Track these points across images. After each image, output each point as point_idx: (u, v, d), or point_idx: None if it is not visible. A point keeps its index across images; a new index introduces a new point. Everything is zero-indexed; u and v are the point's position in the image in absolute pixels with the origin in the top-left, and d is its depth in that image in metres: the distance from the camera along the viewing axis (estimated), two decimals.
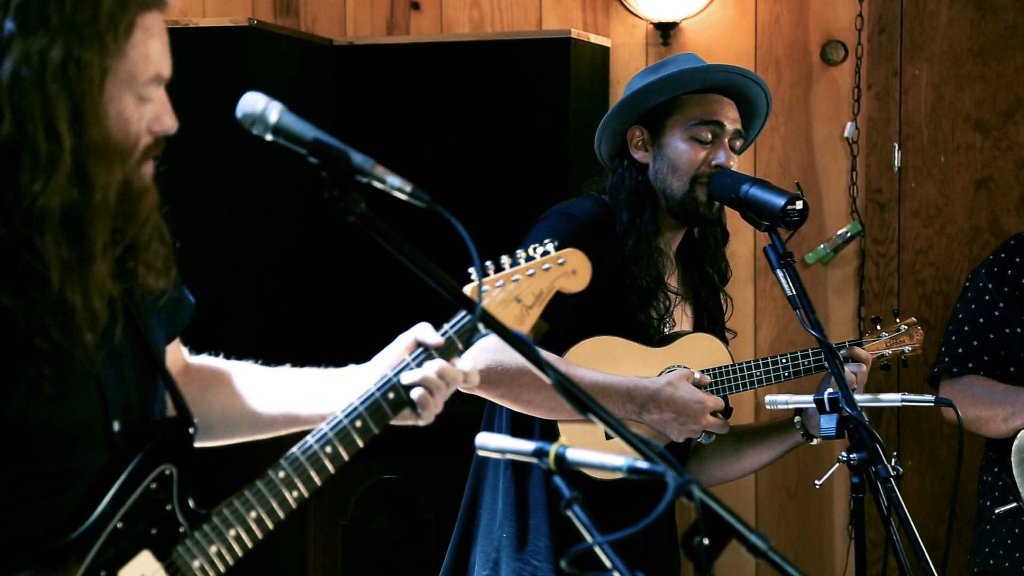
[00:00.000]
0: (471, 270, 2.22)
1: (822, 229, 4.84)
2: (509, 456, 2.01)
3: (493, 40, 4.64)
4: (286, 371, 2.30)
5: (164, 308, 2.09)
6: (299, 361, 4.15)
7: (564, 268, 2.32)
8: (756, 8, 4.85)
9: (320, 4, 4.99)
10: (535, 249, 2.32)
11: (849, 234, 4.80)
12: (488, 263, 2.26)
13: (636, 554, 3.02)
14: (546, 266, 2.30)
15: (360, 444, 2.13)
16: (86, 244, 1.83)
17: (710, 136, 3.09)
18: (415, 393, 2.14)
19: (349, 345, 4.59)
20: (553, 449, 1.92)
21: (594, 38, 4.70)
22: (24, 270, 1.80)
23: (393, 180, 1.90)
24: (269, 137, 1.95)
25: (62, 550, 1.87)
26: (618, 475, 1.88)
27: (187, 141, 4.17)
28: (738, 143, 3.13)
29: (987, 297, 3.66)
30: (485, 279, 2.24)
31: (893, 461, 2.75)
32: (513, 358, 2.86)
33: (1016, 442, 3.52)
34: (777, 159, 4.86)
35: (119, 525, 1.91)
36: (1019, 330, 3.64)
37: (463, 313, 2.18)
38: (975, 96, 4.76)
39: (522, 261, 2.29)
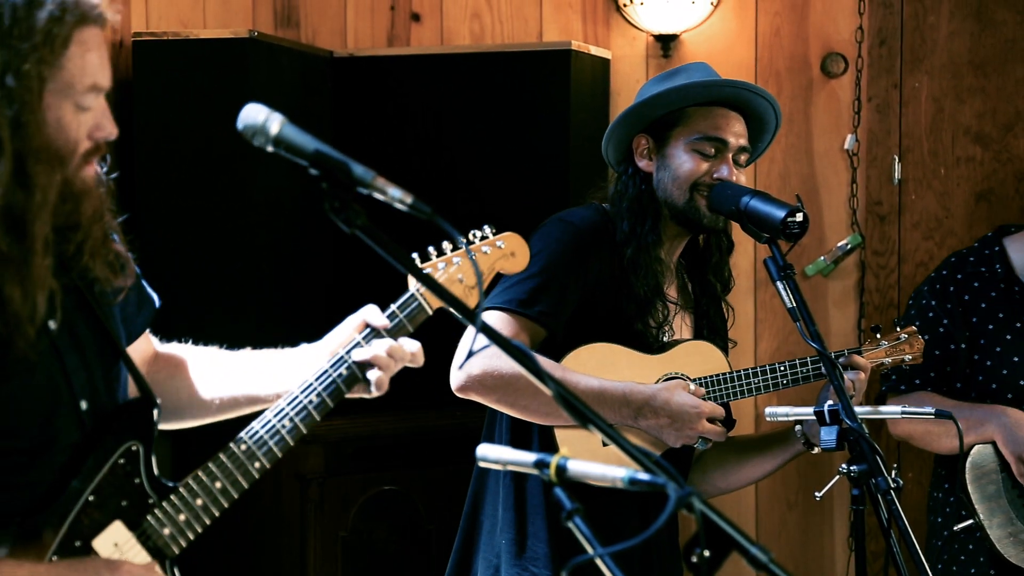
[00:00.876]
0: (414, 255, 2.37)
1: (822, 241, 4.85)
2: (510, 468, 2.01)
3: (493, 52, 4.65)
4: (245, 353, 2.47)
5: (129, 303, 2.27)
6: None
7: (503, 250, 2.49)
8: (756, 20, 4.86)
9: (321, 16, 4.99)
10: (474, 234, 2.47)
11: (849, 246, 4.81)
12: (431, 248, 2.41)
13: (635, 563, 3.02)
14: (485, 248, 2.47)
15: (317, 418, 2.27)
16: (26, 241, 1.96)
17: (713, 151, 3.09)
18: (369, 372, 2.29)
19: None
20: (554, 461, 1.92)
21: (595, 50, 4.70)
22: None
23: (394, 192, 1.91)
24: (270, 149, 1.96)
25: (37, 522, 2.03)
26: (619, 486, 1.88)
27: (189, 151, 4.22)
28: (743, 158, 3.14)
29: (931, 314, 3.70)
30: (427, 263, 2.41)
31: (893, 473, 2.76)
32: (509, 363, 2.87)
33: (970, 459, 3.54)
34: (777, 171, 4.86)
35: (91, 498, 2.07)
36: (963, 346, 3.67)
37: (409, 295, 2.34)
38: (975, 108, 4.76)
39: (462, 245, 2.39)
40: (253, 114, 1.96)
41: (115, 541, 2.10)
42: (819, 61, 4.84)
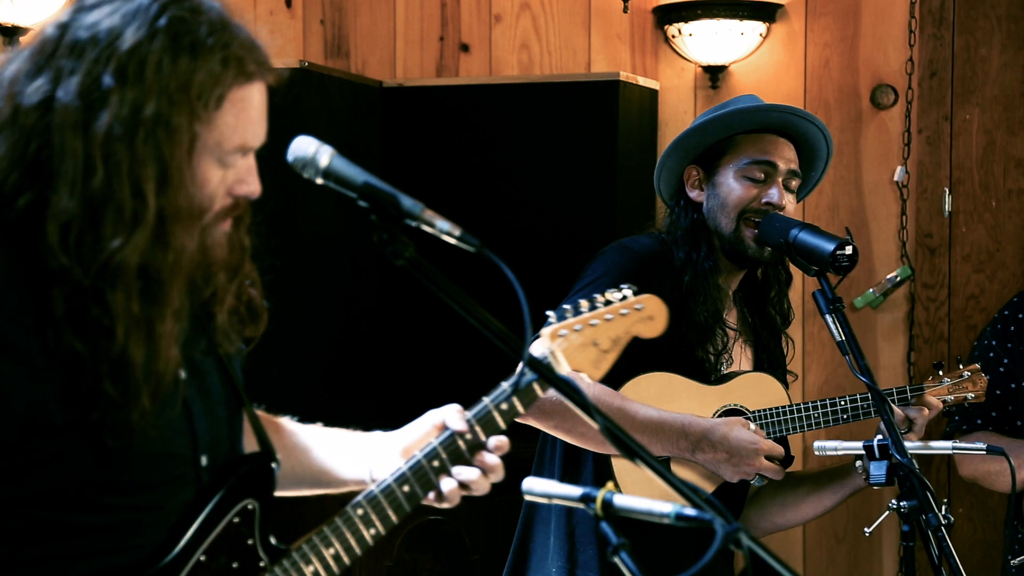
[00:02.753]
0: (550, 313, 2.25)
1: (872, 273, 4.81)
2: (556, 501, 2.00)
3: (542, 82, 4.66)
4: (323, 431, 2.32)
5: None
6: (347, 400, 4.16)
7: (641, 314, 2.31)
8: (805, 52, 4.85)
9: (371, 46, 5.02)
10: (613, 294, 2.31)
11: (899, 278, 4.77)
12: (567, 306, 2.25)
13: None
14: (623, 311, 2.29)
15: (434, 483, 2.15)
16: (159, 303, 1.85)
17: (763, 176, 3.08)
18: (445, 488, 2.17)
19: (394, 385, 4.60)
20: (600, 495, 1.91)
21: (643, 81, 4.70)
22: (94, 320, 1.81)
23: (442, 224, 1.91)
24: (320, 181, 1.97)
25: None
26: (665, 521, 1.87)
27: None
28: (794, 183, 3.12)
29: (991, 355, 3.68)
30: (563, 322, 2.24)
31: (944, 509, 2.73)
32: None
33: None
34: (827, 203, 4.84)
35: (202, 558, 1.95)
36: None
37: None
38: None
39: (600, 306, 2.28)
40: (303, 146, 1.97)
41: None
42: (869, 93, 4.81)
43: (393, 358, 4.61)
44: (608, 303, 2.29)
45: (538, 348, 2.18)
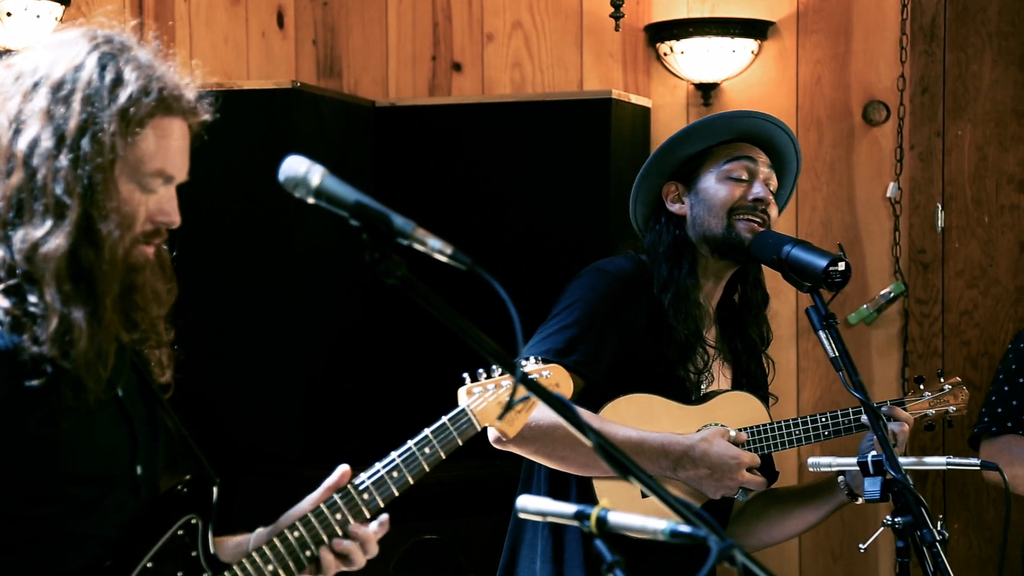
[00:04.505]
0: (465, 375, 2.54)
1: (865, 289, 4.82)
2: (550, 519, 2.00)
3: (534, 101, 4.67)
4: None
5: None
6: (339, 412, 4.14)
7: (547, 381, 2.59)
8: (797, 69, 4.86)
9: (363, 66, 5.03)
10: (520, 363, 2.47)
11: (892, 294, 4.78)
12: (480, 370, 2.51)
13: None
14: (532, 376, 2.52)
15: (380, 506, 2.37)
16: (95, 296, 2.06)
17: (745, 174, 3.09)
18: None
19: (385, 399, 4.59)
20: (595, 512, 1.91)
21: (635, 98, 4.71)
22: (30, 312, 2.04)
23: (434, 243, 1.91)
24: (311, 200, 1.97)
25: None
26: (660, 538, 1.86)
27: (232, 200, 4.24)
28: (773, 182, 3.13)
29: None
30: (475, 383, 2.51)
31: (939, 525, 2.73)
32: (546, 414, 2.86)
33: None
34: (819, 219, 4.85)
35: (148, 564, 2.15)
36: None
37: (459, 411, 2.44)
38: (1019, 156, 4.74)
39: (496, 374, 2.52)
40: (294, 166, 1.97)
41: None
42: (861, 109, 4.82)
43: (384, 373, 4.60)
44: (524, 372, 2.50)
45: (460, 402, 2.45)
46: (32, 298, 2.04)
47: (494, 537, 4.00)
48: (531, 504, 2.01)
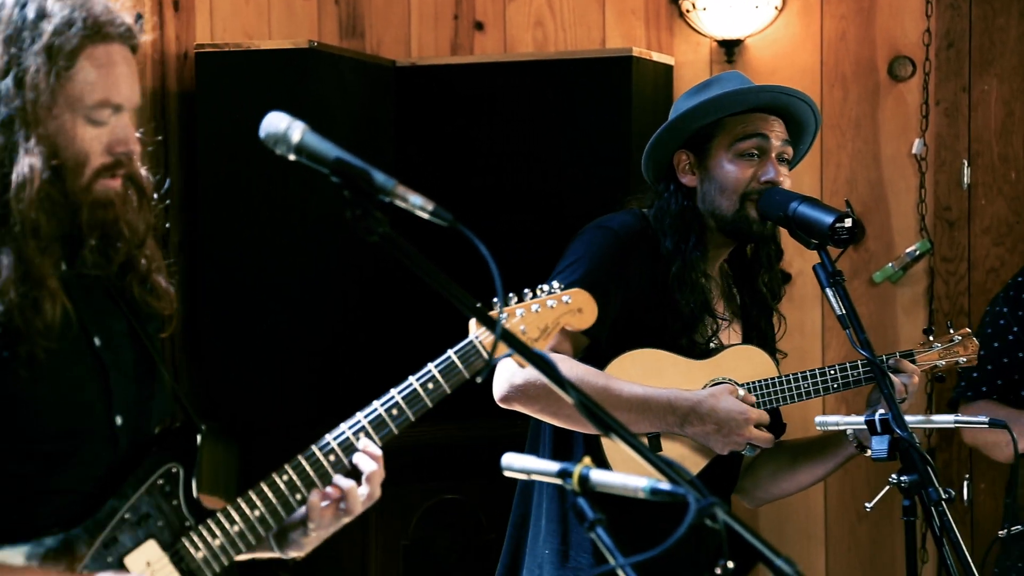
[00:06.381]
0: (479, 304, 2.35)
1: (890, 247, 4.77)
2: (535, 477, 2.00)
3: (555, 59, 4.64)
4: None
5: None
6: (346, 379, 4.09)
7: (569, 306, 2.45)
8: (822, 25, 4.80)
9: (385, 25, 5.01)
10: (541, 289, 2.44)
11: (918, 252, 4.73)
12: (495, 300, 2.32)
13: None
14: (551, 303, 2.43)
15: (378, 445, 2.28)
16: (13, 228, 2.02)
17: (756, 152, 3.05)
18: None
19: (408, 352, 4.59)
20: (577, 470, 1.90)
21: (657, 56, 4.67)
22: None
23: (415, 199, 1.90)
24: (292, 157, 1.97)
25: (71, 536, 2.06)
26: (640, 495, 1.86)
27: (251, 161, 4.24)
28: (787, 153, 3.09)
29: (1002, 322, 3.66)
30: (491, 311, 2.30)
31: (965, 485, 2.71)
32: None
33: None
34: (844, 176, 4.80)
35: (127, 515, 2.10)
36: None
37: (467, 342, 2.32)
38: None
39: (527, 298, 2.42)
40: (275, 122, 1.97)
41: (147, 560, 2.11)
42: (886, 65, 4.77)
43: (402, 331, 4.58)
44: (535, 295, 2.43)
45: (469, 333, 2.32)
46: None
47: (513, 497, 4.01)
48: (516, 462, 2.01)
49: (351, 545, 4.24)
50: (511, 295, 2.39)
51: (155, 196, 2.21)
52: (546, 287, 2.45)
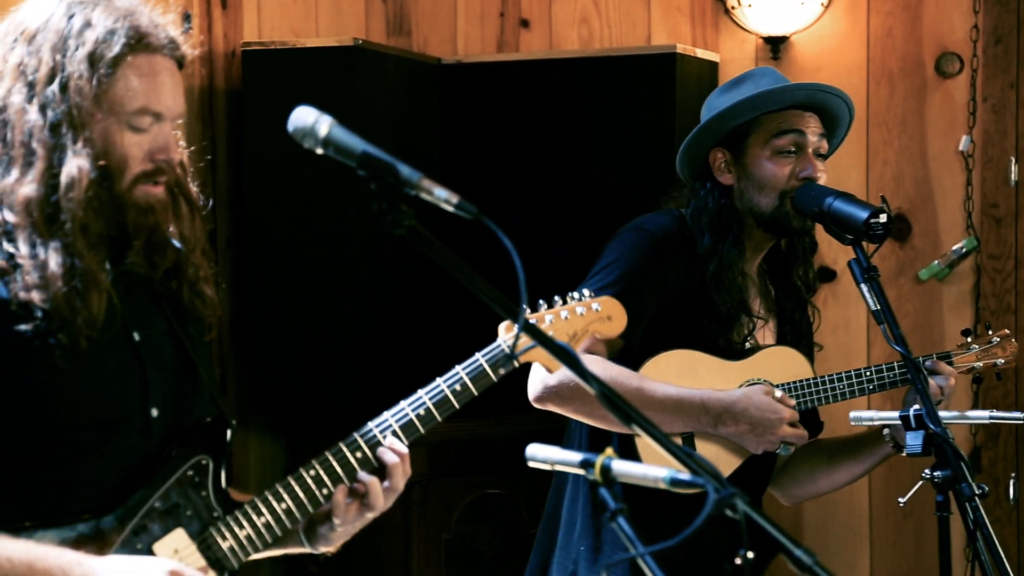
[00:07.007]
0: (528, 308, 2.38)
1: (937, 245, 4.75)
2: (558, 467, 2.02)
3: (599, 57, 4.64)
4: None
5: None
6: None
7: (599, 313, 2.48)
8: (868, 21, 4.78)
9: (431, 23, 5.04)
10: (571, 296, 2.47)
11: (964, 250, 4.70)
12: (524, 306, 2.35)
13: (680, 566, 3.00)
14: (580, 310, 2.46)
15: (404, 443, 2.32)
16: (64, 227, 2.10)
17: (793, 147, 3.05)
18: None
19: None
20: (599, 461, 1.92)
21: (701, 53, 4.67)
22: (15, 257, 2.11)
23: (440, 192, 1.92)
24: (319, 151, 2.00)
25: (102, 522, 2.12)
26: (661, 486, 1.87)
27: (296, 158, 4.27)
28: (823, 149, 3.09)
29: None
30: (528, 315, 2.38)
31: (1011, 483, 2.70)
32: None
33: None
34: (891, 173, 4.78)
35: (157, 504, 2.17)
36: None
37: (496, 346, 2.35)
38: None
39: (557, 304, 2.45)
40: (303, 116, 2.00)
41: (175, 547, 2.17)
42: (933, 61, 4.74)
43: (456, 322, 4.59)
44: (565, 302, 2.46)
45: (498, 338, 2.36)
46: (14, 247, 2.11)
47: None
48: (540, 452, 2.03)
49: (393, 539, 4.27)
50: (541, 302, 2.43)
51: (204, 209, 2.29)
52: (576, 294, 2.49)
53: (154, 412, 2.21)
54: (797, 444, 3.00)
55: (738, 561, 1.83)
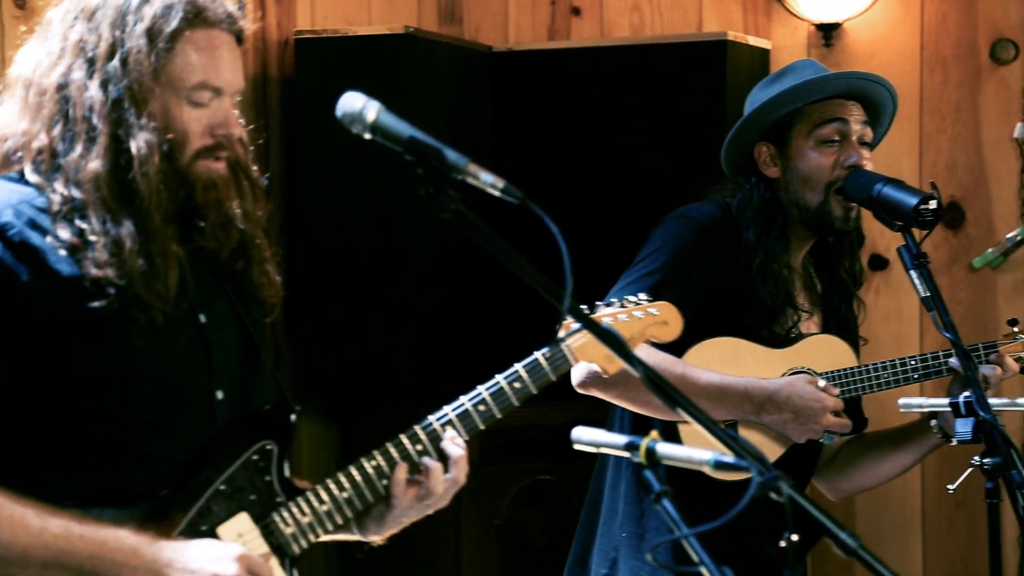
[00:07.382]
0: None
1: (991, 233, 4.71)
2: (603, 450, 2.03)
3: (650, 44, 4.64)
4: None
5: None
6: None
7: (656, 318, 2.51)
8: (922, 7, 4.75)
9: (483, 11, 5.05)
10: (629, 299, 2.50)
11: (1019, 238, 4.66)
12: (583, 306, 2.36)
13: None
14: (637, 313, 2.48)
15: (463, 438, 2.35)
16: (136, 203, 2.11)
17: (838, 136, 3.04)
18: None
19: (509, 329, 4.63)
20: (644, 443, 1.93)
21: (753, 40, 4.65)
22: (87, 233, 2.11)
23: (486, 176, 1.94)
24: (368, 136, 2.01)
25: (168, 503, 2.13)
26: (705, 469, 1.88)
27: (349, 146, 4.30)
28: (867, 136, 3.08)
29: None
30: (590, 313, 2.40)
31: None
32: None
33: None
34: (944, 161, 4.75)
35: (222, 487, 2.18)
36: None
37: (556, 349, 2.36)
38: None
39: (615, 306, 2.46)
40: (351, 102, 2.01)
41: (239, 531, 2.17)
42: (988, 48, 4.70)
43: (504, 308, 4.60)
44: (624, 306, 2.49)
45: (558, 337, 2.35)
46: (85, 224, 2.11)
47: None
48: (585, 435, 2.04)
49: (444, 525, 4.29)
50: (598, 303, 2.46)
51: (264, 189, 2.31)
52: (633, 298, 2.50)
53: (219, 395, 2.23)
54: (840, 433, 2.99)
55: (782, 544, 1.83)
